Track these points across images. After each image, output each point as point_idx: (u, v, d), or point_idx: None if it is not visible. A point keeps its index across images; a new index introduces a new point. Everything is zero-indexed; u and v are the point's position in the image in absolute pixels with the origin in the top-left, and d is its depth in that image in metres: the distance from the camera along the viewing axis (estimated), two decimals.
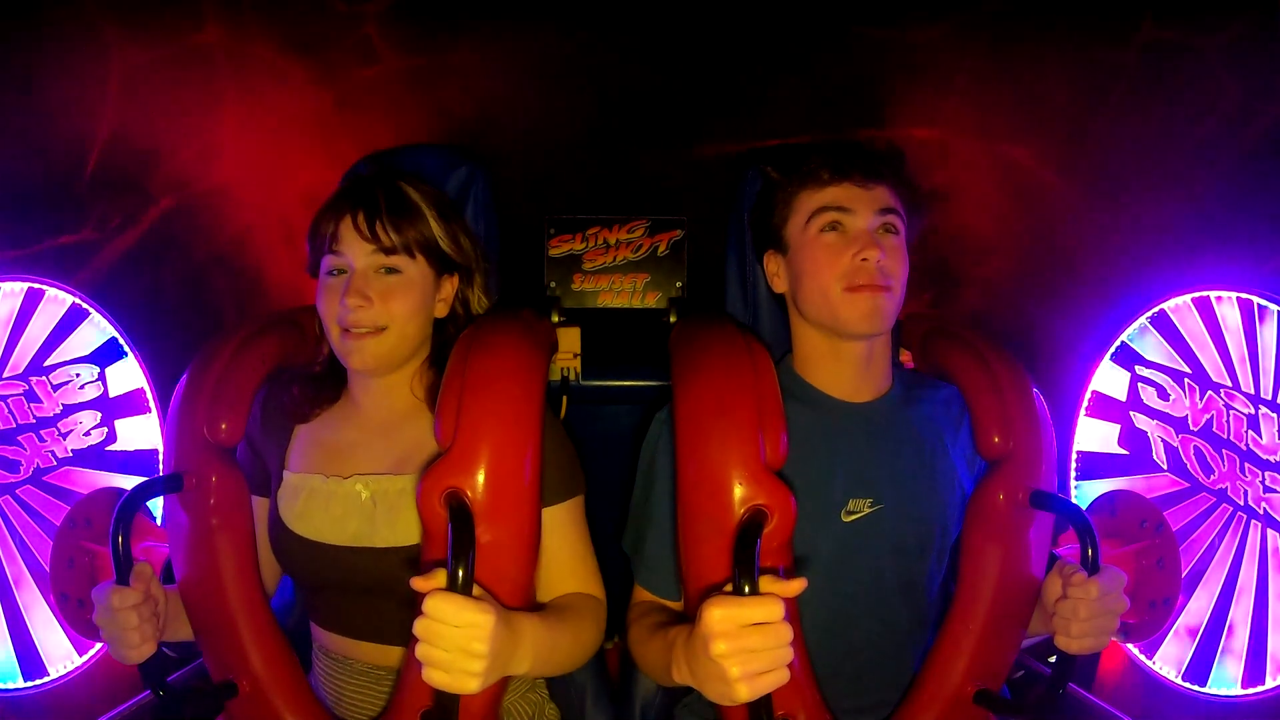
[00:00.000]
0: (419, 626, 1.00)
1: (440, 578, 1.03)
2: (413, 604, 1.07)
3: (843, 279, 1.29)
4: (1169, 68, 1.89)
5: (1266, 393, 1.70)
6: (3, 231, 1.87)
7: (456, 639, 0.99)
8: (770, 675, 0.97)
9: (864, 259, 1.28)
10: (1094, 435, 1.97)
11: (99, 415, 1.93)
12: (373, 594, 1.28)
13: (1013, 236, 2.17)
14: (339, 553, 1.27)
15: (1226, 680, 1.76)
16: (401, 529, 1.26)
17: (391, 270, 1.28)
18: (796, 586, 1.02)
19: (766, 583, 1.00)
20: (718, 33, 2.13)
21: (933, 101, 2.06)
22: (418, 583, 1.04)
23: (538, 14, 1.97)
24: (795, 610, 1.22)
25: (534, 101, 2.12)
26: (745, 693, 0.97)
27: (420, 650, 1.01)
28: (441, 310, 1.35)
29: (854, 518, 1.29)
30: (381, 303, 1.26)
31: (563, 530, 1.28)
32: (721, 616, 0.96)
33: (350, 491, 1.29)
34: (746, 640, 0.96)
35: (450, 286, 1.35)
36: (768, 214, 1.40)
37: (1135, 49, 1.89)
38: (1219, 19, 1.75)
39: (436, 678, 1.01)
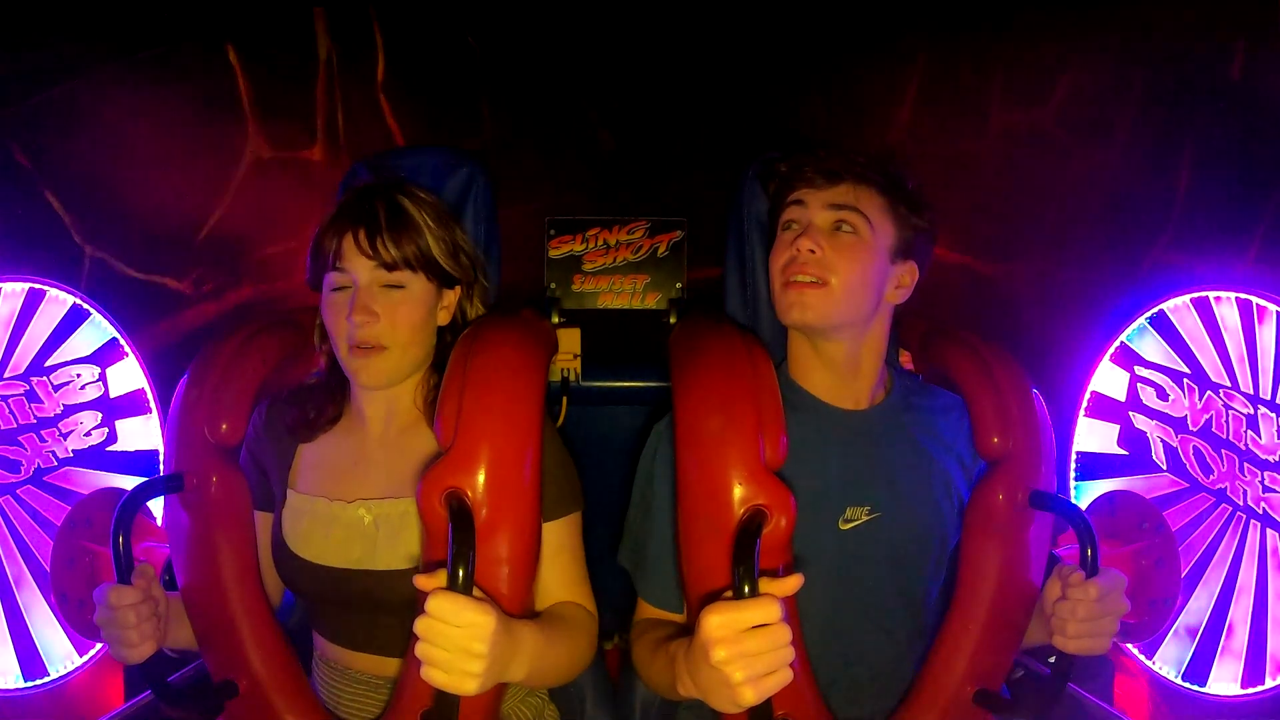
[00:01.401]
0: (420, 625, 1.00)
1: (442, 577, 1.03)
2: (412, 618, 1.07)
3: (781, 273, 1.31)
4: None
5: (1266, 393, 1.70)
6: (127, 250, 2.15)
7: (457, 639, 0.99)
8: (774, 676, 0.97)
9: (795, 252, 1.29)
10: (1093, 435, 1.97)
11: (100, 415, 1.93)
12: (372, 610, 1.28)
13: (1011, 236, 2.18)
14: (340, 575, 1.27)
15: (1226, 680, 1.76)
16: (403, 551, 1.26)
17: (395, 286, 1.27)
18: (793, 584, 1.02)
19: (764, 583, 1.00)
20: (718, 36, 2.15)
21: (924, 110, 2.12)
22: (420, 580, 1.04)
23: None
24: (794, 612, 1.22)
25: (535, 102, 2.16)
26: (751, 696, 0.97)
27: (420, 649, 1.01)
28: (444, 318, 1.35)
29: (851, 525, 1.28)
30: (388, 318, 1.26)
31: (559, 546, 1.28)
32: (720, 623, 0.96)
33: (353, 516, 1.29)
34: (746, 644, 0.95)
35: (453, 295, 1.35)
36: (772, 216, 1.43)
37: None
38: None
39: (436, 677, 1.01)
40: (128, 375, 1.94)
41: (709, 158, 2.18)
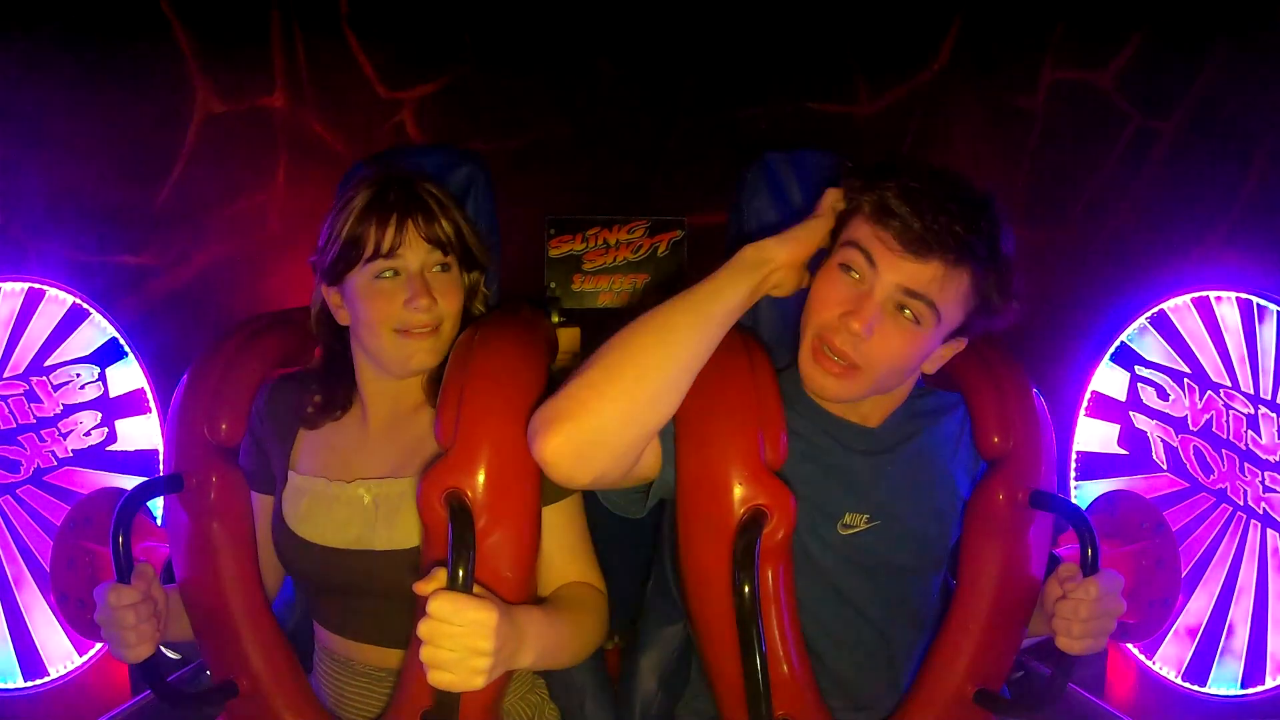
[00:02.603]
0: (423, 628, 1.00)
1: (441, 579, 1.03)
2: (414, 606, 1.07)
3: (820, 330, 1.18)
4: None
5: (1266, 393, 1.70)
6: (73, 236, 2.04)
7: (461, 638, 1.00)
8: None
9: (846, 324, 1.14)
10: (1094, 435, 1.97)
11: (99, 415, 1.93)
12: (374, 596, 1.28)
13: (1031, 212, 2.15)
14: (340, 555, 1.27)
15: (1226, 680, 1.76)
16: (401, 531, 1.26)
17: (446, 268, 1.30)
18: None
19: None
20: (715, 40, 2.14)
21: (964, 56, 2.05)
22: (420, 587, 1.04)
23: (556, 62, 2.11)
24: (794, 612, 1.22)
25: (536, 102, 2.14)
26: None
27: (425, 652, 1.01)
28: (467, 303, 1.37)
29: (850, 532, 1.28)
30: (443, 300, 1.28)
31: (563, 528, 1.28)
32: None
33: (353, 495, 1.29)
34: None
35: (469, 281, 1.37)
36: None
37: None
38: None
39: (442, 679, 1.01)
40: (127, 375, 1.94)
41: (709, 157, 2.14)
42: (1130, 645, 1.85)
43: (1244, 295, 1.73)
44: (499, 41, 2.10)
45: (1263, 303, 1.70)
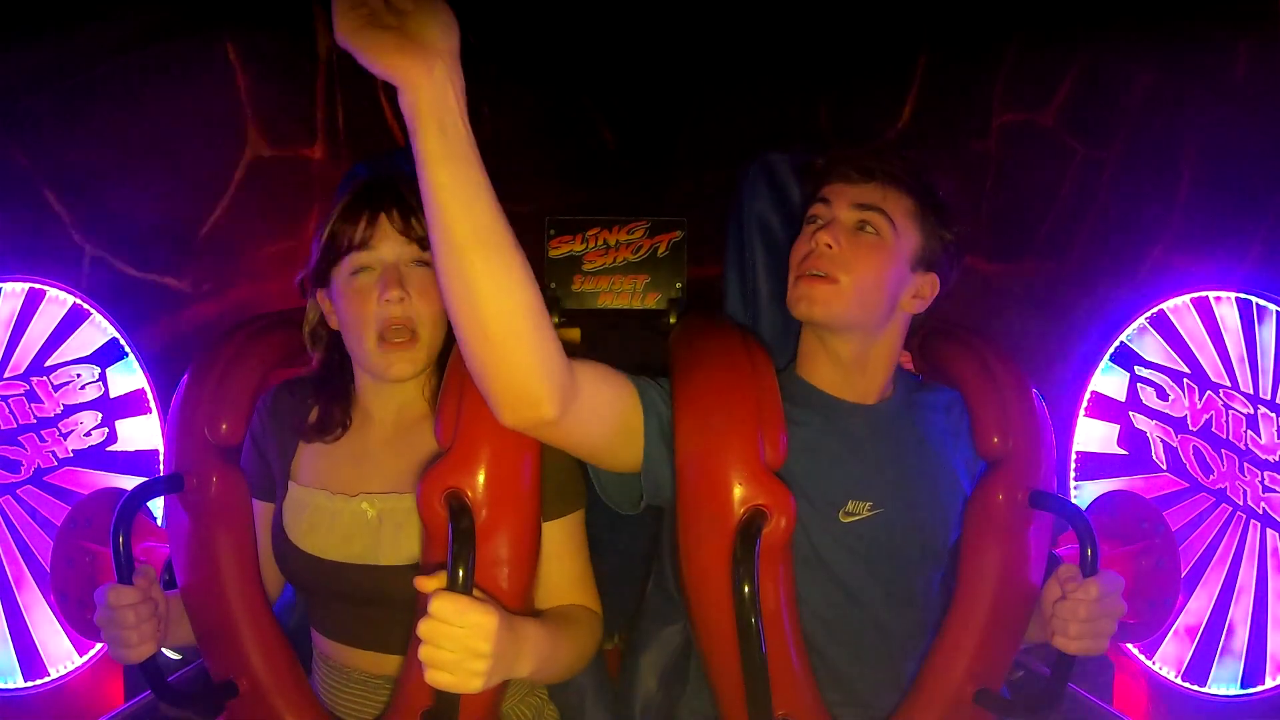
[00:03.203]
0: (423, 627, 1.00)
1: (444, 578, 1.03)
2: (414, 614, 1.06)
3: (797, 266, 1.30)
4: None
5: (1265, 393, 1.70)
6: (125, 249, 2.08)
7: (461, 639, 1.00)
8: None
9: (813, 245, 1.28)
10: (1093, 436, 1.97)
11: (100, 415, 1.93)
12: (374, 605, 1.28)
13: (1014, 235, 2.18)
14: (343, 569, 1.26)
15: (1226, 680, 1.76)
16: (406, 547, 1.25)
17: (425, 263, 1.25)
18: None
19: None
20: (719, 36, 2.15)
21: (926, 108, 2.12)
22: (421, 582, 1.04)
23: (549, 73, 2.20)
24: (794, 607, 1.22)
25: (536, 103, 2.16)
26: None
27: (424, 652, 1.01)
28: None
29: (852, 519, 1.28)
30: (419, 296, 1.24)
31: (562, 545, 1.28)
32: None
33: (356, 510, 1.29)
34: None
35: None
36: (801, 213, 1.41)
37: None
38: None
39: (441, 679, 1.01)
40: (128, 375, 1.94)
41: (709, 157, 2.17)
42: (1130, 645, 1.84)
43: (1243, 295, 1.73)
44: (513, 115, 2.17)
45: (1262, 303, 1.70)
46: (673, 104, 2.22)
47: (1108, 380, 1.95)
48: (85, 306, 1.91)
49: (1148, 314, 1.87)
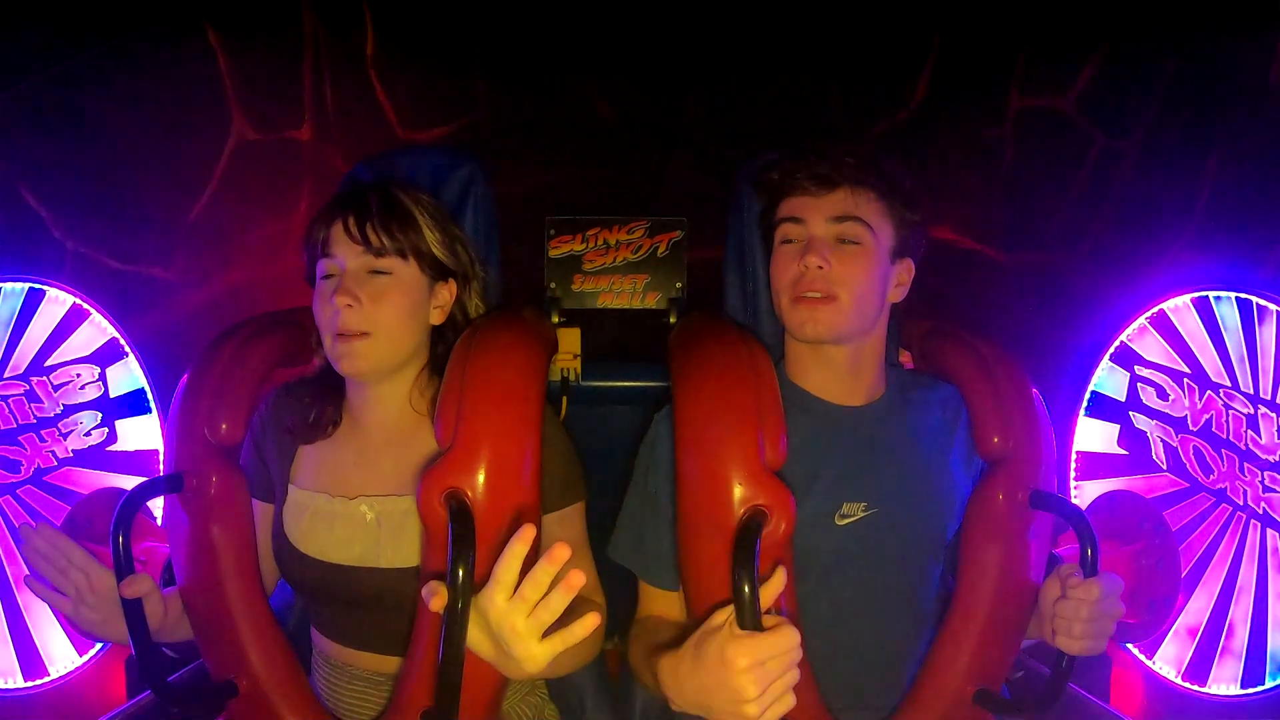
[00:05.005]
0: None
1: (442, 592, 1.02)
2: (413, 615, 1.05)
3: (789, 289, 1.30)
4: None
5: (1266, 393, 1.70)
6: (110, 242, 2.06)
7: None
8: (783, 701, 0.99)
9: (805, 268, 1.28)
10: (1093, 435, 1.97)
11: (99, 415, 1.93)
12: (374, 607, 1.28)
13: (1025, 225, 2.16)
14: (343, 572, 1.27)
15: (1226, 680, 1.76)
16: (406, 549, 1.25)
17: (381, 272, 1.27)
18: (780, 582, 1.06)
19: (761, 591, 1.01)
20: (727, 17, 2.14)
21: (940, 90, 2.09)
22: (430, 592, 1.02)
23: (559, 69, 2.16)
24: (794, 611, 1.22)
25: (543, 154, 2.15)
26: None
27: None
28: (439, 317, 1.34)
29: (848, 521, 1.28)
30: (371, 304, 1.24)
31: (562, 537, 1.27)
32: (748, 663, 0.97)
33: (355, 513, 1.29)
34: (769, 675, 0.97)
35: (448, 293, 1.34)
36: (767, 224, 1.40)
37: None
38: None
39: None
40: (128, 375, 1.94)
41: (713, 136, 2.13)
42: (1130, 645, 1.84)
43: (1243, 295, 1.73)
44: (509, 92, 2.13)
45: (1263, 303, 1.70)
46: (675, 81, 2.15)
47: (1108, 380, 1.95)
48: (85, 306, 1.91)
49: (1148, 313, 1.87)
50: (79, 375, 1.91)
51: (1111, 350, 1.94)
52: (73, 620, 1.23)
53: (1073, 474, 1.98)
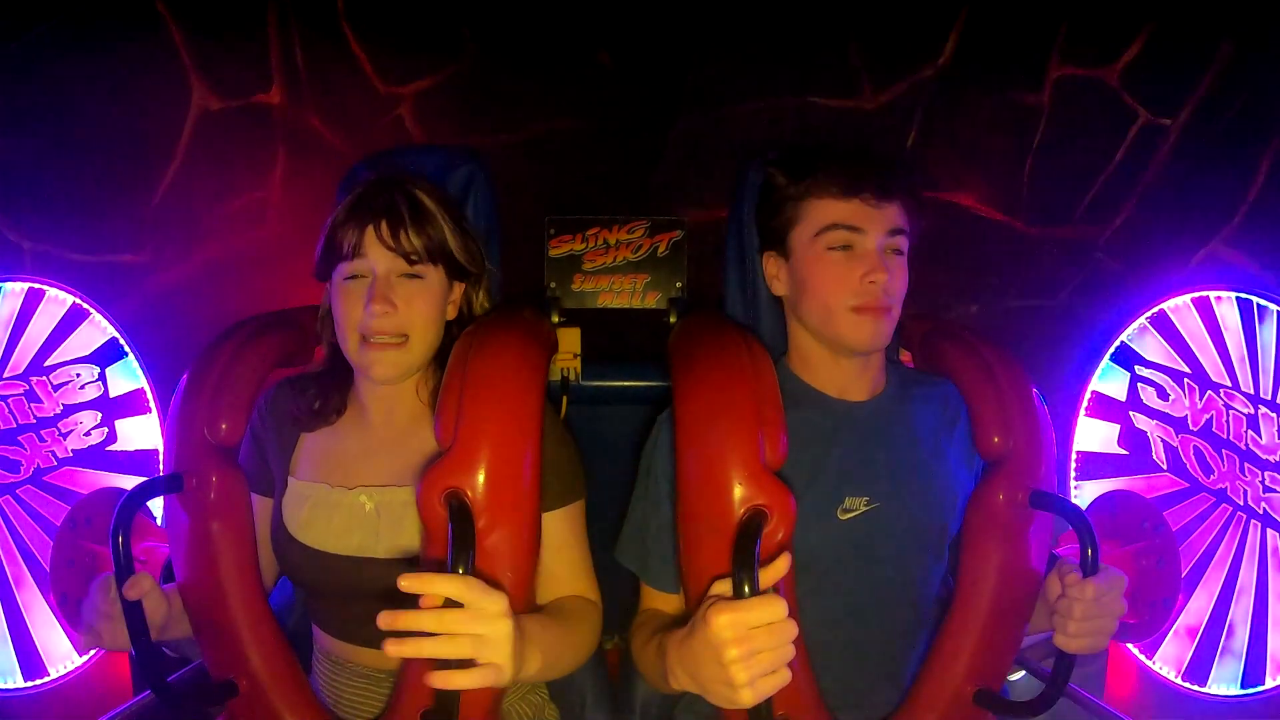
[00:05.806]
0: (425, 618, 0.97)
1: (429, 579, 1.01)
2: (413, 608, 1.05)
3: (850, 299, 1.29)
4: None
5: (1266, 393, 1.70)
6: (70, 235, 2.02)
7: (471, 623, 0.98)
8: (774, 676, 0.98)
9: (872, 281, 1.28)
10: (1094, 435, 1.97)
11: (99, 415, 1.93)
12: (374, 601, 1.27)
13: (1054, 200, 2.14)
14: (341, 562, 1.27)
15: (1226, 680, 1.76)
16: (405, 540, 1.26)
17: (414, 276, 1.27)
18: (783, 565, 1.05)
19: (761, 574, 1.01)
20: (717, 34, 2.13)
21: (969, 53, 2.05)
22: (410, 580, 1.01)
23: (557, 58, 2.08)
24: (794, 608, 1.22)
25: (534, 97, 2.13)
26: (749, 697, 0.97)
27: (434, 645, 0.98)
28: (452, 312, 1.35)
29: (850, 516, 1.29)
30: (406, 308, 1.25)
31: (562, 536, 1.28)
32: (729, 622, 0.96)
33: (354, 503, 1.29)
34: (755, 641, 0.96)
35: (459, 290, 1.35)
36: (772, 215, 1.38)
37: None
38: None
39: (456, 679, 0.98)
40: (127, 375, 1.94)
41: (723, 90, 2.08)
42: (1130, 645, 1.84)
43: (1244, 295, 1.73)
44: (497, 37, 2.07)
45: (1263, 303, 1.70)
46: (681, 26, 2.07)
47: (1108, 380, 1.95)
48: (85, 306, 1.91)
49: (1148, 314, 1.87)
50: (79, 375, 1.91)
51: (1112, 350, 1.94)
52: (89, 640, 1.22)
53: (1073, 474, 1.99)
